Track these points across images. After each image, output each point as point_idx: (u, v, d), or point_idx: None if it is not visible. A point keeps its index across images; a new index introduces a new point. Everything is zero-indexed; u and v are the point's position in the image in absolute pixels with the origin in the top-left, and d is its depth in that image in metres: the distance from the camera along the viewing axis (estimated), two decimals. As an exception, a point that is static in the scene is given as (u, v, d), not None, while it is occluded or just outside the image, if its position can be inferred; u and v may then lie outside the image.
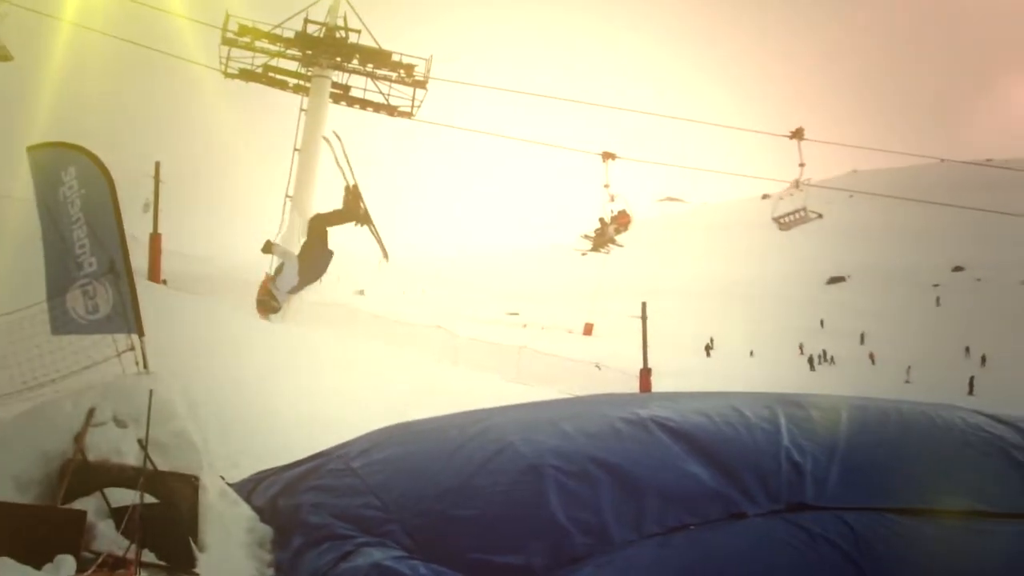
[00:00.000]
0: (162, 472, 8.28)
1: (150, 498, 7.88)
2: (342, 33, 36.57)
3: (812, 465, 8.32)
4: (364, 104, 38.11)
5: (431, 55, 37.14)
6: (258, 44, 36.76)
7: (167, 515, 7.95)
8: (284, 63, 37.61)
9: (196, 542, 8.13)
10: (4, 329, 10.03)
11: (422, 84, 37.04)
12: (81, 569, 7.15)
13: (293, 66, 37.60)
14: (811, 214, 31.50)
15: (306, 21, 36.35)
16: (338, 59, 36.87)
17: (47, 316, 9.91)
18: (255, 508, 9.24)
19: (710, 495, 7.98)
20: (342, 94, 37.82)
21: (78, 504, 7.87)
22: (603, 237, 31.89)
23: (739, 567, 7.41)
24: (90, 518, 7.66)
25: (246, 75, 37.23)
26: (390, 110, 37.90)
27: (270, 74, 37.67)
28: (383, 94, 37.76)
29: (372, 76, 37.49)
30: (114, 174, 9.97)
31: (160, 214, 34.27)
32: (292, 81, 37.75)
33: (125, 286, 9.68)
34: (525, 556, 7.43)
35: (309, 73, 36.90)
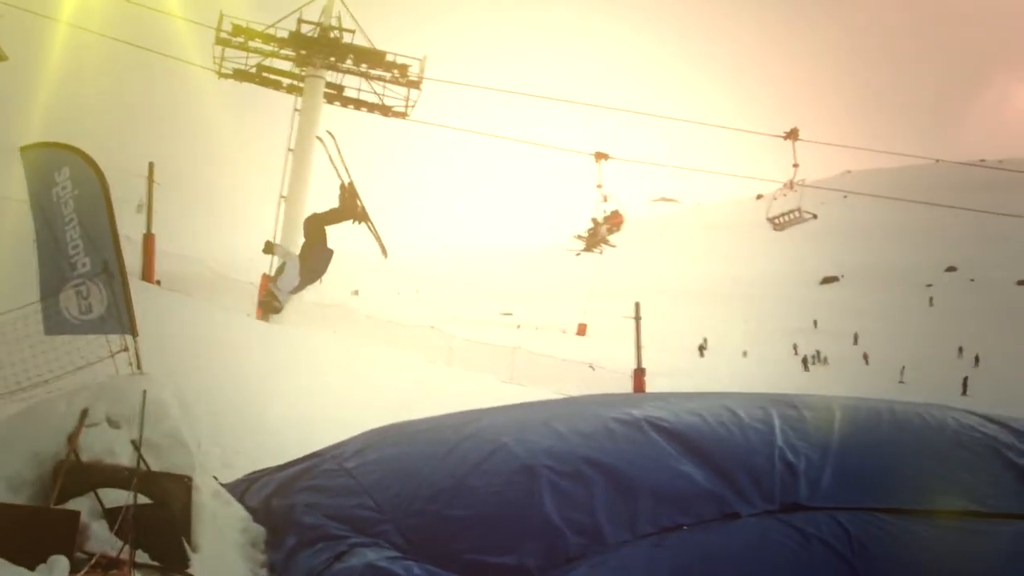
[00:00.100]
0: (155, 472, 8.28)
1: (143, 499, 7.88)
2: (336, 33, 36.56)
3: (806, 465, 8.33)
4: (358, 104, 38.10)
5: (425, 55, 37.20)
6: (252, 44, 36.76)
7: (160, 515, 7.94)
8: (278, 63, 37.65)
9: (189, 542, 8.12)
10: (-3, 329, 10.02)
11: (416, 84, 37.04)
12: (75, 570, 7.14)
13: (287, 66, 37.62)
14: (806, 214, 31.54)
15: (300, 21, 36.35)
16: (332, 59, 36.88)
17: (40, 316, 9.89)
18: (249, 508, 9.24)
19: (704, 495, 7.98)
20: (336, 94, 37.83)
21: (71, 505, 7.85)
22: (596, 237, 31.93)
23: (733, 567, 7.41)
24: (83, 519, 7.64)
25: (240, 75, 37.23)
26: (384, 110, 37.88)
27: (264, 74, 37.69)
28: (377, 94, 37.77)
29: (366, 76, 37.49)
30: (108, 174, 9.97)
31: (154, 214, 34.21)
32: (286, 81, 37.77)
33: (119, 286, 9.67)
34: (519, 556, 7.43)
35: (303, 73, 36.91)
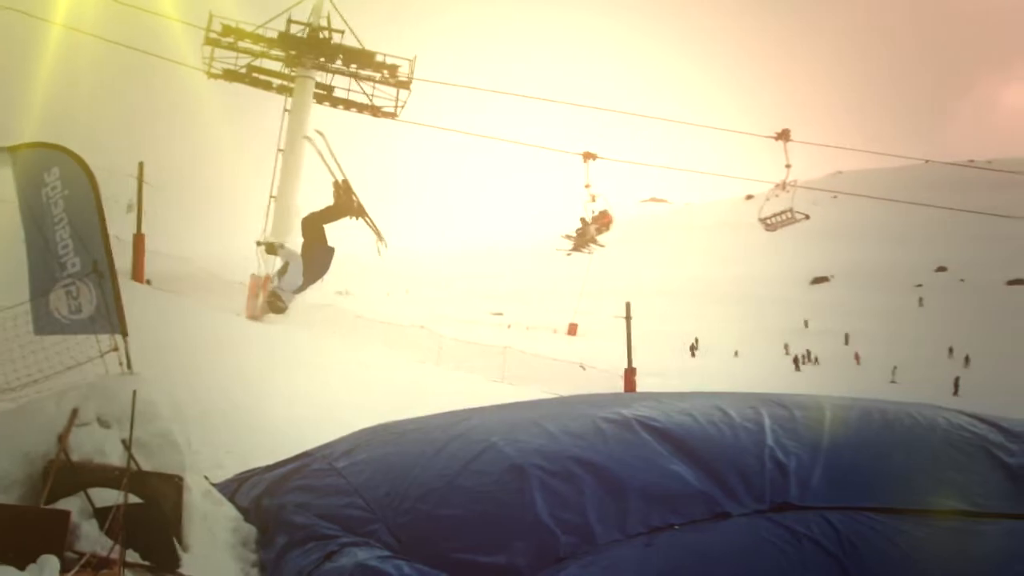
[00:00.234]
0: (146, 472, 8.27)
1: (134, 498, 7.87)
2: (325, 33, 36.55)
3: (796, 465, 8.33)
4: (348, 104, 38.10)
5: (415, 56, 37.20)
6: (241, 44, 36.74)
7: (151, 515, 7.93)
8: (268, 63, 37.62)
9: (180, 542, 8.12)
10: (-13, 329, 10.01)
11: (406, 85, 37.04)
12: (65, 569, 7.13)
13: (277, 66, 37.61)
14: (798, 215, 31.59)
15: (289, 21, 36.34)
16: (321, 59, 36.88)
17: (30, 316, 9.88)
18: (239, 508, 9.24)
19: (694, 495, 7.98)
20: (326, 94, 37.82)
21: (61, 504, 7.84)
22: (584, 237, 31.94)
23: (723, 567, 7.40)
24: (74, 518, 7.64)
25: (230, 75, 37.19)
26: (374, 110, 37.88)
27: (254, 74, 37.66)
28: (367, 94, 37.77)
29: (356, 76, 37.48)
30: (97, 174, 9.96)
31: (144, 214, 34.17)
32: (276, 81, 37.78)
33: (108, 286, 9.66)
34: (509, 556, 7.42)
35: (293, 73, 36.88)
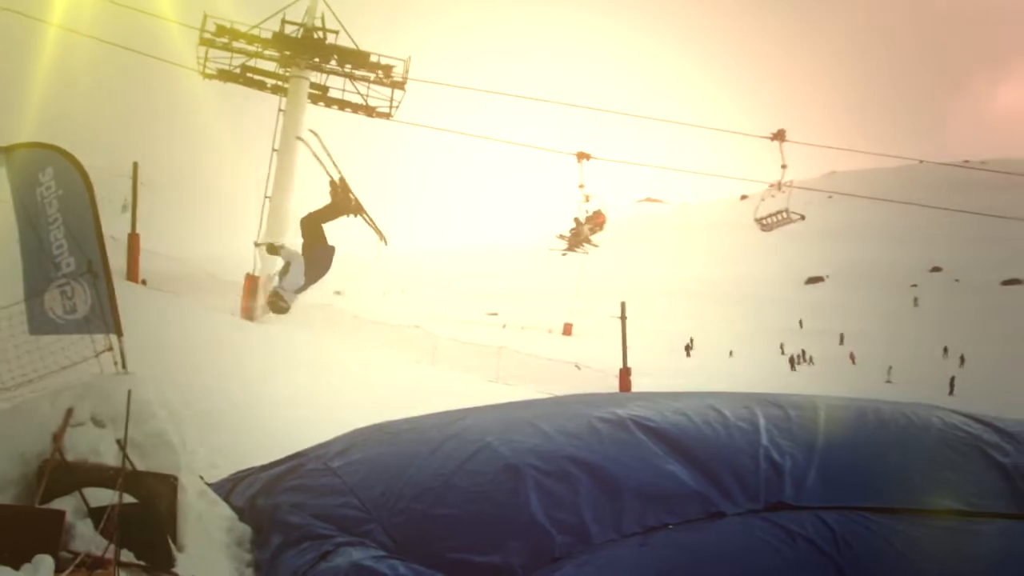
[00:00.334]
0: (141, 472, 8.26)
1: (129, 498, 7.85)
2: (320, 34, 36.52)
3: (791, 465, 8.34)
4: (342, 105, 38.08)
5: (409, 56, 37.17)
6: (236, 45, 36.69)
7: (146, 515, 7.92)
8: (262, 64, 37.58)
9: (175, 542, 8.11)
10: (-19, 329, 9.99)
11: (400, 85, 36.99)
12: (59, 569, 7.12)
13: (271, 67, 37.56)
14: (793, 215, 31.49)
15: (284, 22, 36.30)
16: (316, 60, 36.84)
17: (25, 316, 9.86)
18: (234, 508, 9.23)
19: (689, 494, 7.99)
20: (320, 95, 37.81)
21: (56, 504, 7.83)
22: (578, 237, 31.83)
23: (718, 566, 7.41)
24: (68, 518, 7.62)
25: (224, 76, 37.16)
26: (368, 111, 37.84)
27: (248, 75, 37.62)
28: (361, 95, 37.72)
29: (350, 77, 37.46)
30: (92, 174, 9.95)
31: (139, 214, 34.13)
32: (270, 82, 37.74)
33: (103, 286, 9.64)
34: (504, 555, 7.43)
35: (287, 74, 36.85)
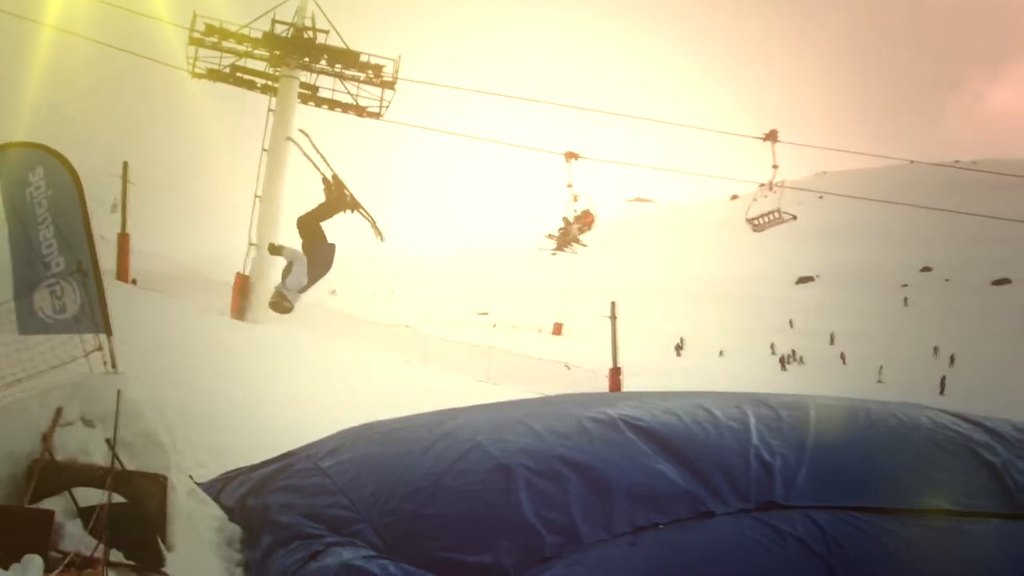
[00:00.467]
0: (130, 472, 8.26)
1: (118, 498, 7.86)
2: (310, 33, 36.43)
3: (781, 464, 8.35)
4: (332, 104, 37.96)
5: (399, 56, 37.07)
6: (225, 44, 36.56)
7: (135, 514, 7.91)
8: (252, 63, 37.46)
9: (164, 541, 8.10)
10: (-29, 329, 9.97)
11: (390, 85, 36.90)
12: (48, 569, 7.11)
13: (261, 66, 37.45)
14: (785, 215, 31.51)
15: (274, 21, 36.15)
16: (306, 59, 36.71)
17: (14, 316, 9.85)
18: (224, 507, 9.23)
19: (679, 494, 7.99)
20: (310, 94, 37.69)
21: (45, 504, 7.82)
22: (567, 237, 31.82)
23: (708, 566, 7.42)
24: (58, 518, 7.62)
25: (213, 75, 37.02)
26: (358, 111, 37.76)
27: (238, 74, 37.50)
28: (351, 95, 37.64)
29: (340, 76, 37.34)
30: (82, 174, 9.94)
31: (129, 214, 34.10)
32: (260, 81, 37.60)
33: (93, 286, 9.64)
34: (494, 555, 7.43)
35: (277, 73, 36.75)
